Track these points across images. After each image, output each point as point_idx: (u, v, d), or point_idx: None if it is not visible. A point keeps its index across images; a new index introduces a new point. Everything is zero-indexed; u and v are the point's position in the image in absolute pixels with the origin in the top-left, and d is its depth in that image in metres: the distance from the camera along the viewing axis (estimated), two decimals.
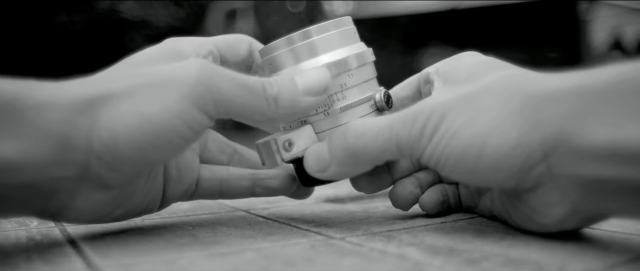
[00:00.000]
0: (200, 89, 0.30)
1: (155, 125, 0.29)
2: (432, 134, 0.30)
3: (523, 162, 0.28)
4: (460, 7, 1.76)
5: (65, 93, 0.29)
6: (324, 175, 0.34)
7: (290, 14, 2.13)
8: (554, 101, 0.27)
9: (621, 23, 1.51)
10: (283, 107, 0.32)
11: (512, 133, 0.28)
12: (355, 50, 0.35)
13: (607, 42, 1.55)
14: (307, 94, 0.32)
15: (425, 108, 0.31)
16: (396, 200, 0.37)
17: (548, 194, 0.29)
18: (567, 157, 0.27)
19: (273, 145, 0.34)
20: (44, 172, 0.28)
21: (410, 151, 0.31)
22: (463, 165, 0.29)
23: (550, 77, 0.29)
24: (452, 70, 0.35)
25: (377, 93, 0.35)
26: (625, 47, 1.52)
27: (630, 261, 0.26)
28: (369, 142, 0.32)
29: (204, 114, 0.30)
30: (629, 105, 0.25)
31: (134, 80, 0.30)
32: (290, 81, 0.33)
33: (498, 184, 0.31)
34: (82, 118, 0.29)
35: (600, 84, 0.26)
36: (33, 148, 0.28)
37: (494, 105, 0.29)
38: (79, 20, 1.85)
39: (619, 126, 0.25)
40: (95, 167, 0.29)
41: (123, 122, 0.29)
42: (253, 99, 0.31)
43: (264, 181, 0.39)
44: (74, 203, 0.30)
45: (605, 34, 1.55)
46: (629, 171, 0.25)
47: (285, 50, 0.35)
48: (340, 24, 0.35)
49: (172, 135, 0.30)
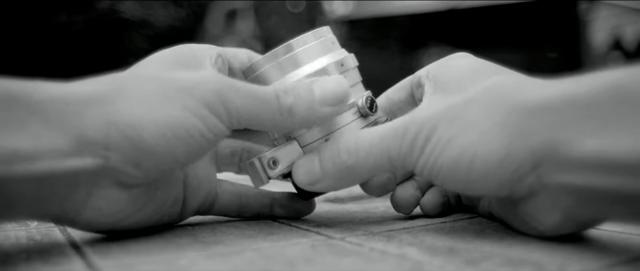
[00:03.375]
0: (214, 100, 0.30)
1: (181, 121, 0.30)
2: (423, 147, 0.30)
3: (513, 172, 0.28)
4: (460, 7, 1.76)
5: (74, 89, 0.29)
6: (314, 188, 0.34)
7: (290, 14, 2.13)
8: (542, 112, 0.27)
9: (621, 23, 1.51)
10: (298, 117, 0.32)
11: (501, 144, 0.28)
12: (335, 58, 0.35)
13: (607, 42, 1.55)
14: (323, 104, 0.32)
15: (416, 120, 0.31)
16: (398, 203, 0.37)
17: (541, 202, 0.29)
18: (556, 167, 0.27)
19: (257, 164, 0.34)
20: (60, 164, 0.27)
21: (402, 164, 0.31)
22: (455, 176, 0.30)
23: (538, 85, 0.29)
24: (443, 74, 0.34)
25: (360, 99, 0.35)
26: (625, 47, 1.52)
27: (629, 261, 0.26)
28: (362, 158, 0.32)
29: (220, 122, 0.31)
30: (616, 115, 0.25)
31: (152, 82, 0.31)
32: (307, 90, 0.32)
33: (491, 193, 0.31)
34: (96, 112, 0.29)
35: (588, 94, 0.26)
36: (46, 140, 0.27)
37: (480, 116, 0.29)
38: (79, 20, 1.85)
39: (607, 136, 0.25)
40: (114, 160, 0.29)
41: (150, 116, 0.29)
42: (266, 111, 0.31)
43: (281, 201, 0.39)
44: (91, 201, 0.30)
45: (605, 34, 1.55)
46: (617, 181, 0.24)
47: (268, 66, 0.35)
48: (319, 34, 0.36)
49: (195, 133, 0.30)
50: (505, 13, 1.70)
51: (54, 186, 0.28)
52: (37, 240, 0.34)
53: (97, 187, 0.30)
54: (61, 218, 0.31)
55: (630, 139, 0.24)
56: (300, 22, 2.08)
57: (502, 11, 1.69)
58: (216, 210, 0.38)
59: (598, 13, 1.55)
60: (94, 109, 0.29)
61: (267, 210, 0.39)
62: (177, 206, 0.35)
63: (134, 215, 0.32)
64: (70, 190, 0.29)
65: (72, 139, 0.28)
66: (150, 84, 0.31)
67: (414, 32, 1.91)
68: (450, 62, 0.35)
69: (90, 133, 0.28)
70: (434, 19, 1.82)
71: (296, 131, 0.35)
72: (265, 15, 2.13)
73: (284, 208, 0.39)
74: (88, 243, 0.32)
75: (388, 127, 0.32)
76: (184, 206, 0.36)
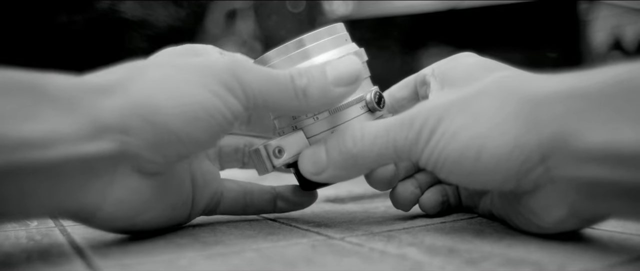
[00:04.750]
0: (230, 79, 0.30)
1: (199, 100, 0.30)
2: (429, 137, 0.30)
3: (521, 164, 0.28)
4: (460, 7, 1.76)
5: (87, 79, 0.29)
6: (319, 178, 0.34)
7: (290, 14, 2.12)
8: (551, 103, 0.27)
9: (621, 23, 1.51)
10: (313, 99, 0.32)
11: (510, 135, 0.28)
12: (347, 51, 0.35)
13: (607, 42, 1.55)
14: (337, 85, 0.32)
15: (423, 111, 0.31)
16: (397, 200, 0.38)
17: (546, 196, 0.29)
18: (564, 159, 0.27)
19: (263, 151, 0.34)
20: (75, 150, 0.27)
21: (407, 154, 0.31)
22: (460, 168, 0.29)
23: (547, 79, 0.29)
24: (449, 70, 0.35)
25: (368, 93, 0.35)
26: (625, 47, 1.52)
27: (629, 262, 0.26)
28: (367, 147, 0.32)
29: (238, 101, 0.30)
30: (625, 107, 0.25)
31: (167, 66, 0.31)
32: (320, 72, 0.32)
33: (496, 187, 0.31)
34: (111, 97, 0.29)
35: (597, 86, 0.26)
36: (59, 126, 0.27)
37: (491, 107, 0.29)
38: (79, 20, 1.85)
39: (616, 128, 0.25)
40: (133, 145, 0.29)
41: (168, 97, 0.29)
42: (281, 92, 0.31)
43: (284, 194, 0.39)
44: (112, 191, 0.29)
45: (605, 34, 1.55)
46: (625, 173, 0.25)
47: (279, 60, 0.35)
48: (332, 31, 0.36)
49: (215, 113, 0.30)
50: (505, 13, 1.70)
51: (70, 175, 0.27)
52: (37, 240, 0.34)
53: (116, 175, 0.29)
54: (80, 214, 0.30)
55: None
56: (300, 22, 2.08)
57: (502, 11, 1.69)
58: (221, 209, 0.38)
59: (598, 13, 1.55)
60: (108, 95, 0.29)
61: (271, 205, 0.39)
62: (187, 207, 0.35)
63: (150, 211, 0.32)
64: (87, 179, 0.28)
65: (87, 124, 0.28)
66: (165, 68, 0.31)
67: (414, 32, 1.91)
68: (457, 60, 0.35)
69: (106, 118, 0.28)
70: (434, 19, 1.82)
71: (303, 121, 0.35)
72: (265, 15, 2.13)
73: (286, 201, 0.39)
74: (88, 243, 0.32)
75: (395, 118, 0.32)
76: (193, 207, 0.36)
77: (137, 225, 0.32)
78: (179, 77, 0.30)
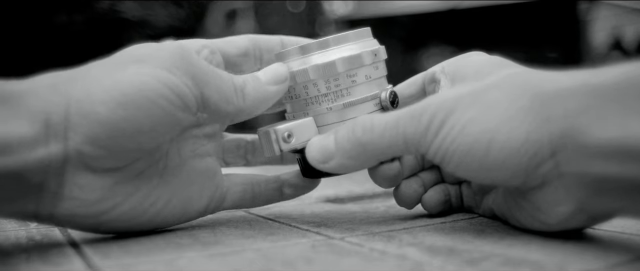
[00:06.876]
0: (171, 62, 0.31)
1: (135, 85, 0.30)
2: (438, 129, 0.30)
3: (530, 159, 0.28)
4: (460, 7, 1.76)
5: (44, 79, 0.30)
6: (325, 167, 0.34)
7: (290, 14, 2.13)
8: (563, 98, 0.27)
9: (621, 23, 1.51)
10: (249, 96, 0.34)
11: (521, 129, 0.28)
12: (369, 47, 0.36)
13: (607, 42, 1.55)
14: (269, 84, 0.35)
15: (433, 103, 0.31)
16: (401, 198, 0.37)
17: (554, 192, 0.29)
18: (574, 154, 0.27)
19: (272, 134, 0.35)
20: (31, 154, 0.28)
21: (416, 146, 0.31)
22: (469, 161, 0.29)
23: (558, 75, 0.29)
24: (460, 68, 0.35)
25: (384, 92, 0.36)
26: (625, 47, 1.52)
27: (630, 262, 0.26)
28: (377, 136, 0.32)
29: (182, 83, 0.31)
30: (635, 103, 0.25)
31: (109, 62, 0.32)
32: (252, 76, 0.35)
33: (504, 181, 0.30)
34: (58, 94, 0.29)
35: (608, 82, 0.26)
36: (18, 129, 0.27)
37: (502, 101, 0.29)
38: (79, 20, 1.85)
39: (626, 124, 0.25)
40: (74, 141, 0.29)
41: (98, 85, 0.30)
42: (223, 85, 0.33)
43: (290, 180, 0.39)
44: (65, 192, 0.29)
45: (605, 34, 1.55)
46: (635, 169, 0.25)
47: (299, 59, 0.35)
48: (359, 35, 0.36)
49: (153, 95, 0.30)
50: (505, 13, 1.70)
51: (28, 180, 0.28)
52: (37, 240, 0.34)
53: (66, 175, 0.29)
54: (40, 215, 0.30)
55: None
56: (300, 22, 2.08)
57: (502, 11, 1.69)
58: (228, 204, 0.37)
59: (598, 13, 1.55)
60: (57, 92, 0.29)
61: (278, 194, 0.39)
62: (175, 205, 0.34)
63: (116, 209, 0.31)
64: (42, 182, 0.29)
65: (41, 126, 0.28)
66: (108, 63, 0.31)
67: (414, 32, 1.91)
68: (467, 58, 0.36)
69: (53, 117, 0.29)
70: (434, 19, 1.82)
71: (316, 109, 0.35)
72: (265, 15, 2.13)
73: (292, 187, 0.39)
74: (88, 243, 0.32)
75: (405, 109, 0.32)
76: (189, 206, 0.35)
77: (106, 224, 0.32)
78: (118, 68, 0.30)
